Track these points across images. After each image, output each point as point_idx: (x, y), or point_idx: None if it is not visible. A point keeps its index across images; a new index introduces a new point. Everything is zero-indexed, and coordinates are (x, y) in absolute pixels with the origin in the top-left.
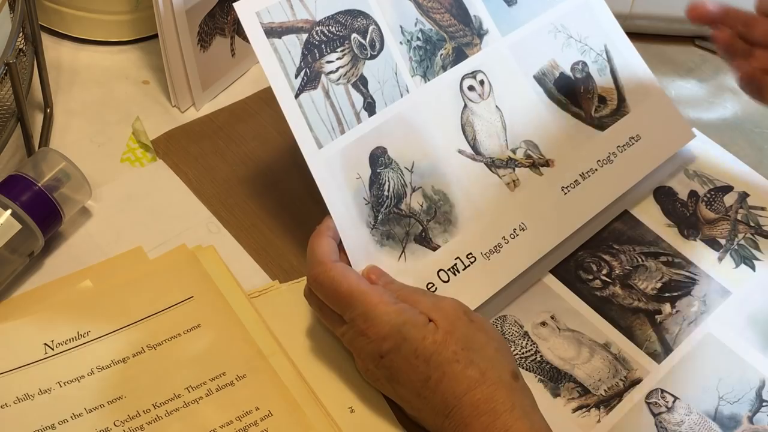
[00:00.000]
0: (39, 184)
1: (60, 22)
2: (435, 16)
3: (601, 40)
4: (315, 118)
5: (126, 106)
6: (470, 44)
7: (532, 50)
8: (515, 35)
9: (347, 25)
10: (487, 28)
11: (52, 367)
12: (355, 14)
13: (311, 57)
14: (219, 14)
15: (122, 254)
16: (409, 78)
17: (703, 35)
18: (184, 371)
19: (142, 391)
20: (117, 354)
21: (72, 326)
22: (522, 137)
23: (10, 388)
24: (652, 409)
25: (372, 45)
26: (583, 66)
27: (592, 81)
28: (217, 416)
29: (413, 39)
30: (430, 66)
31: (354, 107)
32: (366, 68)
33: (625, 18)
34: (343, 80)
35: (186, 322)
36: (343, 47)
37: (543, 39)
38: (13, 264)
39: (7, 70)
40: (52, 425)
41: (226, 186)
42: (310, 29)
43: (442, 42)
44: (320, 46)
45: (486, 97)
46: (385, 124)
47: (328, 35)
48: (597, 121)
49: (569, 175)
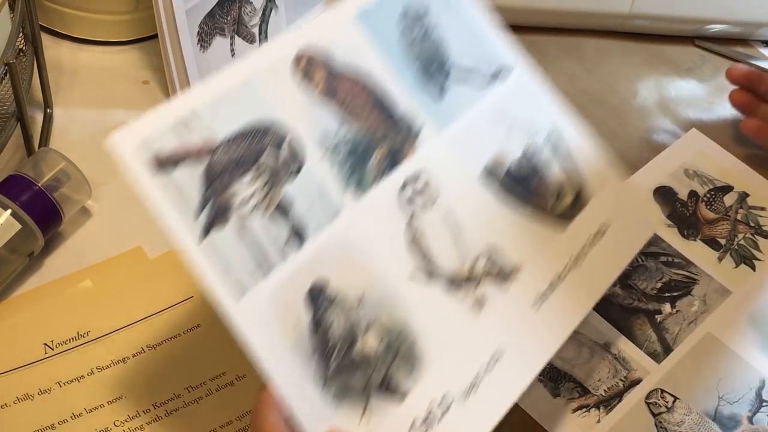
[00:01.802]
0: (39, 184)
1: (60, 22)
2: (358, 117)
3: (550, 120)
4: (229, 262)
5: (126, 106)
6: (404, 145)
7: (475, 142)
8: (452, 129)
9: (256, 142)
10: (421, 126)
11: (52, 367)
12: (264, 127)
13: (215, 188)
14: (219, 14)
15: (122, 254)
16: (340, 194)
17: (703, 35)
18: (184, 371)
19: (142, 391)
20: (117, 354)
21: (72, 326)
22: (480, 243)
23: (10, 388)
24: (651, 410)
25: (291, 160)
26: (533, 153)
27: (544, 171)
28: (217, 416)
29: (339, 146)
30: (363, 176)
31: (278, 240)
32: (286, 192)
33: (625, 18)
34: (259, 209)
35: (186, 322)
36: (254, 168)
37: (484, 129)
38: (13, 264)
39: (7, 70)
40: (52, 425)
41: None
42: (210, 154)
43: (372, 147)
44: (225, 173)
45: (433, 203)
46: (320, 253)
47: (234, 158)
48: (557, 216)
49: (539, 284)
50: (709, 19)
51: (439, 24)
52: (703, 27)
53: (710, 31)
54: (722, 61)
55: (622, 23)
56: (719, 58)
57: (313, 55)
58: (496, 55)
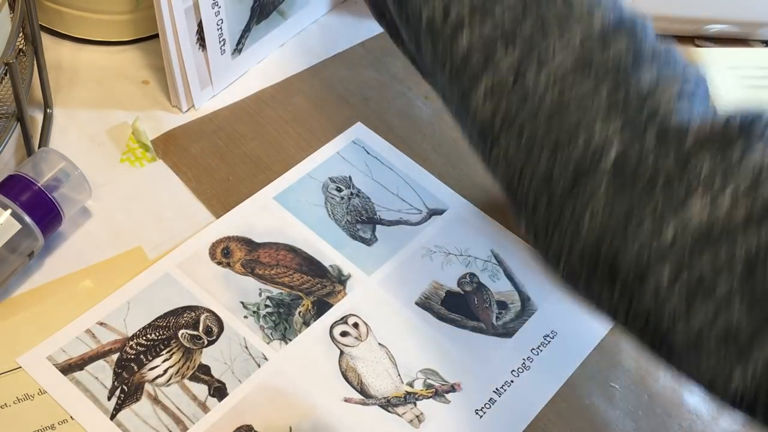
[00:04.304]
0: (39, 184)
1: (60, 22)
2: (282, 280)
3: (487, 246)
4: (143, 430)
5: (126, 106)
6: (332, 293)
7: (408, 279)
8: (383, 271)
9: (171, 325)
10: (349, 273)
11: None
12: (179, 312)
13: (127, 372)
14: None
15: (122, 254)
16: (264, 346)
17: (703, 35)
18: None
19: None
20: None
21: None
22: (417, 368)
23: (10, 388)
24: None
25: (208, 331)
26: (471, 278)
27: (485, 290)
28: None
29: (260, 308)
30: (289, 327)
31: (197, 399)
32: (205, 356)
33: None
34: (175, 378)
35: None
36: (169, 347)
37: (417, 265)
38: (13, 264)
39: (7, 70)
40: (51, 425)
41: (226, 186)
42: (121, 347)
43: (297, 300)
44: (138, 358)
45: (365, 338)
46: (243, 400)
47: (147, 344)
48: (501, 329)
49: (481, 394)
50: (709, 19)
51: (364, 184)
52: (703, 27)
53: (710, 31)
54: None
55: None
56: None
57: (231, 239)
58: (426, 200)
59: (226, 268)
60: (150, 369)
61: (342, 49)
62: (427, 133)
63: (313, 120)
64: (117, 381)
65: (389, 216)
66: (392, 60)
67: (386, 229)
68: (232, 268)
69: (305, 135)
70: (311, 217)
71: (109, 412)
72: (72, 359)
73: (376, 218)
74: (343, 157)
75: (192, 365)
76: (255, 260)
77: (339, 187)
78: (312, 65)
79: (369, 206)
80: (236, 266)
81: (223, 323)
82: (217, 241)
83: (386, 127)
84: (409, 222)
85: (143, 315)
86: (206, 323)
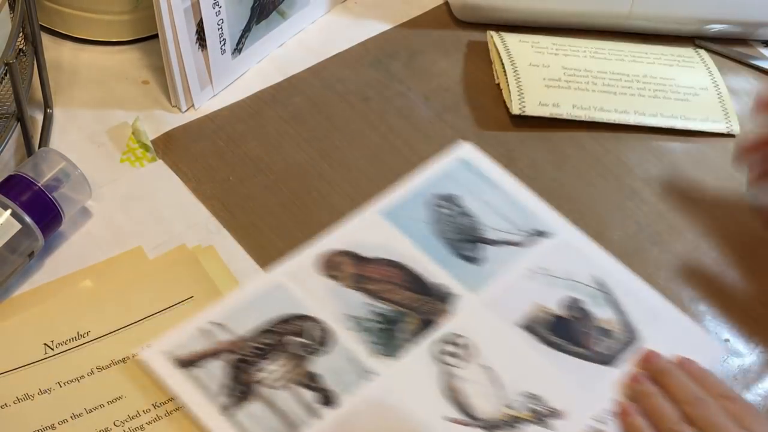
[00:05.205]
0: (39, 184)
1: (60, 22)
2: (389, 297)
3: (590, 272)
4: (255, 429)
5: (126, 106)
6: (438, 311)
7: (513, 300)
8: (488, 291)
9: (282, 331)
10: (454, 292)
11: (52, 367)
12: (290, 319)
13: (241, 373)
14: None
15: (122, 254)
16: (371, 361)
17: (703, 35)
18: None
19: (142, 391)
20: (117, 354)
21: (72, 326)
22: (521, 391)
23: (10, 388)
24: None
25: (317, 340)
26: (574, 303)
27: (588, 315)
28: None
29: (368, 323)
30: (395, 343)
31: (306, 405)
32: (315, 365)
33: (625, 18)
34: (286, 383)
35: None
36: (280, 353)
37: (522, 286)
38: (13, 264)
39: (7, 70)
40: (51, 425)
41: (226, 186)
42: (236, 349)
43: (404, 317)
44: (251, 360)
45: (469, 359)
46: (352, 414)
47: (259, 347)
48: (605, 356)
49: (584, 422)
50: (709, 19)
51: (470, 203)
52: (703, 27)
53: (710, 31)
54: (722, 62)
55: (622, 23)
56: (719, 59)
57: (339, 254)
58: (531, 222)
59: (335, 281)
60: (262, 372)
61: (342, 49)
62: (427, 133)
63: (313, 120)
64: (231, 380)
65: (495, 236)
66: (392, 60)
67: (491, 249)
68: (341, 282)
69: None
70: (418, 234)
71: (223, 408)
72: (190, 355)
73: (482, 237)
74: (450, 175)
75: (301, 372)
76: (363, 275)
77: (446, 204)
78: (312, 65)
79: (475, 225)
80: (345, 280)
81: (332, 334)
82: (326, 254)
83: (386, 127)
84: (514, 243)
85: (257, 319)
86: (315, 332)
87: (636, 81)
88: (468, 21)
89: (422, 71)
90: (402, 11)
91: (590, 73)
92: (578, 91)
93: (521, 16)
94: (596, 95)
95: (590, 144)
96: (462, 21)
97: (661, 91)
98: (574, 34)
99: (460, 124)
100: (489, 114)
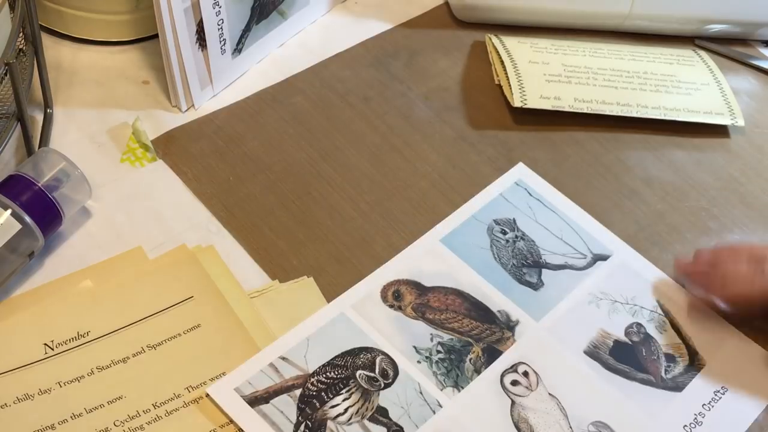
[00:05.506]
0: (39, 184)
1: (60, 22)
2: (452, 326)
3: (652, 296)
4: None
5: (126, 106)
6: (501, 339)
7: (575, 326)
8: (551, 317)
9: (348, 365)
10: (517, 319)
11: (52, 367)
12: (355, 352)
13: (310, 408)
14: None
15: (122, 254)
16: (438, 392)
17: (703, 35)
18: (184, 371)
19: (142, 391)
20: (117, 354)
21: (72, 326)
22: (588, 420)
23: (10, 388)
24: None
25: (384, 374)
26: (638, 328)
27: (652, 341)
28: (217, 416)
29: (432, 354)
30: (461, 374)
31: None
32: (382, 398)
33: (625, 18)
34: (356, 418)
35: (186, 322)
36: (348, 387)
37: (584, 312)
38: (13, 264)
39: (7, 70)
40: (52, 425)
41: (226, 186)
42: (303, 384)
43: (468, 347)
44: (320, 395)
45: (535, 388)
46: None
47: (327, 382)
48: (671, 383)
49: None
50: (709, 19)
51: (528, 227)
52: (703, 27)
53: (710, 31)
54: (722, 62)
55: (622, 23)
56: (719, 59)
57: (401, 283)
58: (590, 244)
59: (398, 311)
60: (331, 407)
61: (342, 49)
62: (427, 133)
63: (313, 120)
64: (301, 416)
65: (554, 260)
66: (392, 60)
67: (552, 274)
68: (404, 312)
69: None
70: (477, 261)
71: None
72: (258, 392)
73: (542, 262)
74: (507, 198)
75: (370, 406)
76: (425, 304)
77: (504, 229)
78: (312, 65)
79: (534, 249)
80: (407, 310)
81: (398, 367)
82: (388, 283)
83: (386, 127)
84: (575, 267)
85: (322, 353)
86: (382, 366)
87: (637, 77)
88: (468, 21)
89: (422, 71)
90: (402, 11)
91: (590, 69)
92: (579, 85)
93: (521, 16)
94: (598, 89)
95: (590, 143)
96: (462, 21)
97: (663, 86)
98: (573, 34)
99: (460, 124)
100: (489, 114)
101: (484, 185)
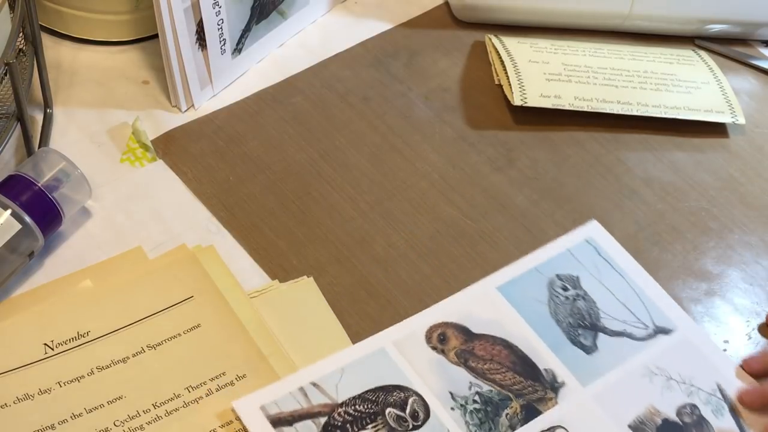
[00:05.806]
0: (39, 184)
1: (60, 22)
2: (494, 377)
3: (712, 378)
4: None
5: (126, 106)
6: (543, 399)
7: (624, 398)
8: (599, 384)
9: (379, 401)
10: (563, 380)
11: (52, 367)
12: (389, 389)
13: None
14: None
15: (122, 254)
16: None
17: (703, 35)
18: (185, 371)
19: (142, 391)
20: (117, 354)
21: (72, 326)
22: None
23: (10, 388)
24: None
25: (414, 416)
26: (692, 409)
27: (706, 424)
28: (217, 416)
29: (468, 403)
30: (494, 428)
31: None
32: None
33: (624, 18)
34: None
35: (186, 322)
36: (375, 423)
37: (636, 384)
38: (13, 264)
39: (7, 70)
40: (52, 425)
41: (226, 186)
42: (330, 413)
43: (506, 401)
44: (344, 426)
45: None
46: None
47: (355, 414)
48: None
49: None
50: (709, 19)
51: (591, 287)
52: (703, 27)
53: (710, 31)
54: (723, 62)
55: (622, 23)
56: (719, 59)
57: (448, 326)
58: (654, 315)
59: (440, 355)
60: None
61: (342, 49)
62: (427, 133)
63: (313, 120)
64: None
65: (613, 325)
66: (392, 60)
67: (608, 339)
68: (446, 356)
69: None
70: (532, 314)
71: None
72: (283, 414)
73: (600, 326)
74: (573, 254)
75: None
76: (470, 351)
77: (565, 286)
78: (312, 65)
79: (594, 311)
80: (450, 354)
81: (430, 410)
82: (434, 325)
83: (386, 127)
84: (634, 336)
85: (354, 384)
86: (414, 407)
87: (637, 76)
88: (468, 21)
89: (422, 71)
90: (402, 11)
91: (590, 68)
92: (579, 84)
93: (521, 16)
94: (598, 88)
95: (590, 144)
96: (462, 21)
97: (663, 84)
98: (573, 35)
99: (460, 124)
100: (489, 114)
101: (485, 185)
